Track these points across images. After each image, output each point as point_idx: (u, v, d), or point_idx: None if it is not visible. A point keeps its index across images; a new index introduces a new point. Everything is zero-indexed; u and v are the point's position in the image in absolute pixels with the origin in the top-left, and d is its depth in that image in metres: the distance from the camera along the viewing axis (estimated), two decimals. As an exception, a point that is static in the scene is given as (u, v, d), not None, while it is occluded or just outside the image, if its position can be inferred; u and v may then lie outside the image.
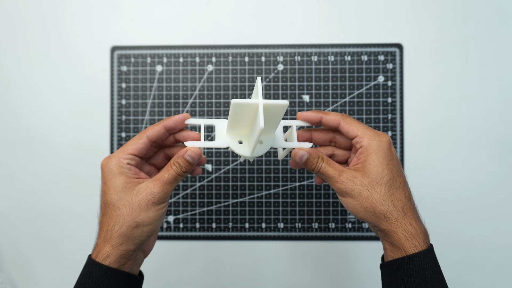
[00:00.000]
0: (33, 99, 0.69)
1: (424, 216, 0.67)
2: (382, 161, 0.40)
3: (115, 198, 0.39)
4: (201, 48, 0.69)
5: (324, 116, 0.43)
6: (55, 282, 0.69)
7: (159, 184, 0.39)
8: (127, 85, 0.69)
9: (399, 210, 0.39)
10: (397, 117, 0.68)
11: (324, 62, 0.68)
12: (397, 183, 0.40)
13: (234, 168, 0.68)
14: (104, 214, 0.40)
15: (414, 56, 0.68)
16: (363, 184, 0.39)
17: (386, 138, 0.41)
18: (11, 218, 0.69)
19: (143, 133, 0.41)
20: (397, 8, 0.69)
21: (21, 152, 0.69)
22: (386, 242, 0.40)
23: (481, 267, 0.67)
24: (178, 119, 0.42)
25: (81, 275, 0.39)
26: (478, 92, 0.68)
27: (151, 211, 0.39)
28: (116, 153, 0.40)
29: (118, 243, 0.38)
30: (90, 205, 0.69)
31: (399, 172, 0.41)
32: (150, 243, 0.44)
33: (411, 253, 0.38)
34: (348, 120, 0.42)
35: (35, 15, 0.70)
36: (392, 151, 0.41)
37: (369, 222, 0.40)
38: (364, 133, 0.41)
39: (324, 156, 0.42)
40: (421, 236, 0.39)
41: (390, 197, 0.39)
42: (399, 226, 0.38)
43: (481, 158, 0.68)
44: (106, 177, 0.40)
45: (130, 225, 0.38)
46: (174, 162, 0.40)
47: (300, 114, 0.44)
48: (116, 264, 0.39)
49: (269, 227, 0.68)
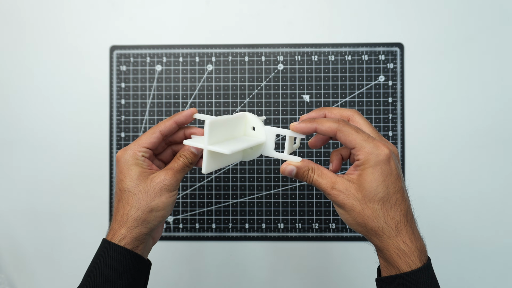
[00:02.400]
0: (32, 99, 0.69)
1: (425, 216, 0.67)
2: (377, 177, 0.38)
3: (132, 184, 0.42)
4: (200, 47, 0.69)
5: (319, 127, 0.40)
6: (54, 282, 0.69)
7: (170, 172, 0.43)
8: (126, 84, 0.69)
9: (392, 228, 0.38)
10: (397, 117, 0.68)
11: (324, 61, 0.68)
12: (392, 200, 0.38)
13: (234, 168, 0.68)
14: (120, 200, 0.43)
15: (415, 56, 0.68)
16: (356, 199, 0.38)
17: (386, 151, 0.38)
18: (10, 218, 0.69)
19: (156, 127, 0.45)
20: (397, 7, 0.68)
21: (20, 152, 0.69)
22: (379, 257, 0.40)
23: (483, 267, 0.67)
24: (187, 114, 0.45)
25: (96, 255, 0.42)
26: (479, 92, 0.68)
27: (164, 197, 0.42)
28: (131, 146, 0.44)
29: (134, 226, 0.42)
30: (89, 205, 0.68)
31: (396, 189, 0.39)
32: (159, 230, 0.47)
33: (405, 271, 0.37)
34: (345, 130, 0.39)
35: (34, 14, 0.69)
36: (391, 166, 0.38)
37: (362, 234, 0.40)
38: (361, 146, 0.38)
39: (315, 166, 0.41)
40: (415, 254, 0.37)
41: (383, 215, 0.38)
42: (390, 244, 0.38)
43: (482, 158, 0.68)
44: (123, 166, 0.43)
45: (145, 209, 0.42)
46: (181, 154, 0.44)
47: (293, 126, 0.42)
48: (130, 246, 0.41)
49: (269, 228, 0.68)
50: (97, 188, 0.68)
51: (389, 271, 0.38)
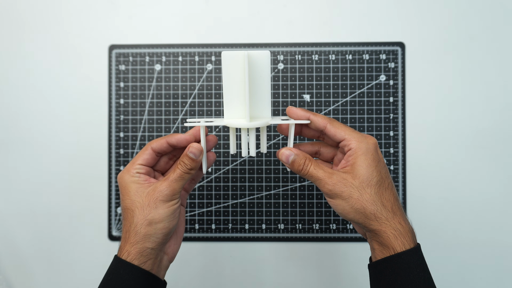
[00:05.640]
0: (30, 99, 0.69)
1: (426, 216, 0.67)
2: (371, 163, 0.41)
3: (129, 202, 0.43)
4: (200, 47, 0.68)
5: (312, 116, 0.44)
6: (52, 283, 0.68)
7: (165, 183, 0.43)
8: (125, 84, 0.68)
9: (389, 210, 0.40)
10: (399, 117, 0.67)
11: (325, 61, 0.68)
12: (385, 184, 0.41)
13: (234, 169, 0.67)
14: (123, 219, 0.44)
15: (416, 55, 0.68)
16: (354, 186, 0.40)
17: (373, 140, 0.42)
18: (8, 219, 0.69)
19: (148, 145, 0.45)
20: (399, 6, 0.68)
21: (18, 152, 0.69)
22: (374, 242, 0.41)
23: (484, 267, 0.67)
24: (180, 139, 0.45)
25: (108, 273, 0.42)
26: (481, 92, 0.67)
27: (161, 209, 0.42)
28: (127, 166, 0.45)
29: (136, 241, 0.42)
30: (88, 206, 0.68)
31: (386, 174, 0.42)
32: (172, 245, 0.46)
33: (399, 251, 0.39)
34: (335, 124, 0.43)
35: (32, 13, 0.69)
36: (378, 154, 0.42)
37: (359, 222, 0.41)
38: (351, 136, 0.42)
39: (312, 158, 0.43)
40: (409, 234, 0.40)
41: (380, 198, 0.40)
42: (388, 225, 0.40)
43: (483, 158, 0.67)
44: (121, 187, 0.44)
45: (143, 223, 0.42)
46: (180, 161, 0.44)
47: (290, 109, 0.44)
48: (136, 262, 0.41)
49: (269, 228, 0.67)
50: (96, 188, 0.68)
51: (383, 254, 0.40)
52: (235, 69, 0.42)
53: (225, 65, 0.42)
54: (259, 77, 0.43)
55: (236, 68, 0.42)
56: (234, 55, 0.42)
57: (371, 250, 0.43)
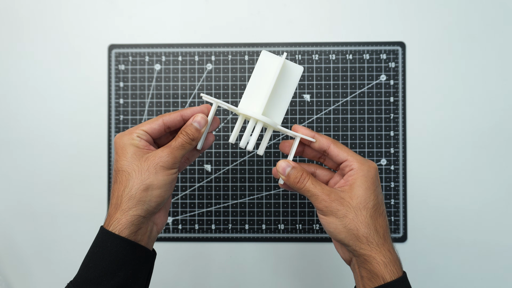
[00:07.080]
0: (29, 98, 0.69)
1: (427, 216, 0.67)
2: (370, 185, 0.41)
3: (125, 163, 0.41)
4: (200, 46, 0.68)
5: (317, 136, 0.44)
6: (51, 283, 0.68)
7: (167, 149, 0.42)
8: (125, 84, 0.68)
9: (381, 235, 0.40)
10: (399, 117, 0.67)
11: (325, 60, 0.67)
12: (380, 210, 0.41)
13: (234, 169, 0.67)
14: (115, 182, 0.42)
15: (417, 55, 0.67)
16: (350, 206, 0.40)
17: (374, 165, 0.42)
18: (6, 218, 0.69)
19: (160, 117, 0.44)
20: (399, 6, 0.68)
21: (18, 152, 0.69)
22: (363, 270, 0.41)
23: (486, 268, 0.67)
24: (196, 111, 0.44)
25: (94, 245, 0.41)
26: (482, 92, 0.67)
27: (160, 175, 0.41)
28: (129, 129, 0.43)
29: (128, 207, 0.40)
30: (87, 205, 0.68)
31: (382, 201, 0.42)
32: (161, 215, 0.45)
33: (389, 280, 0.39)
34: (338, 145, 0.43)
35: (31, 13, 0.69)
36: (378, 179, 0.42)
37: (348, 244, 0.41)
38: (354, 158, 0.42)
39: (310, 173, 0.43)
40: (397, 263, 0.40)
41: (374, 222, 0.40)
42: (379, 251, 0.40)
43: (484, 158, 0.67)
44: (118, 147, 0.42)
45: (139, 187, 0.40)
46: (182, 131, 0.43)
47: (296, 127, 0.45)
48: (126, 231, 0.40)
49: (270, 229, 0.67)
50: (95, 188, 0.68)
51: (372, 284, 0.40)
52: (268, 69, 0.44)
53: (260, 62, 0.45)
54: (285, 85, 0.45)
55: (269, 69, 0.44)
56: (272, 57, 0.45)
57: (358, 278, 0.42)
